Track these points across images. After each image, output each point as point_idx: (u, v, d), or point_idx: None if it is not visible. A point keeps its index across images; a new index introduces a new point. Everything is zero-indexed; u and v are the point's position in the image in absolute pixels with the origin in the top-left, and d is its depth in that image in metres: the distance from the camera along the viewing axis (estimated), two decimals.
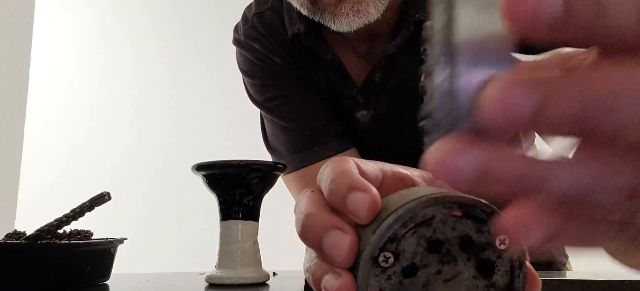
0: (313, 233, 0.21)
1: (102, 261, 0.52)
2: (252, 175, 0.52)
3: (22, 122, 1.29)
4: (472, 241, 0.20)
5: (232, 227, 0.52)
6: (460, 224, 0.19)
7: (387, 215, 0.20)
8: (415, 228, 0.19)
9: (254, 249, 0.53)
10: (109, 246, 0.52)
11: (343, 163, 0.23)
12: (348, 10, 0.60)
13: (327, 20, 0.63)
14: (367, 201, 0.20)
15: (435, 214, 0.19)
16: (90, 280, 0.50)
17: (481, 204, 0.19)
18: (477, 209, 0.19)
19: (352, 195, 0.21)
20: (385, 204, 0.21)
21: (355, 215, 0.21)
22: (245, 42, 0.76)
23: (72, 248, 0.48)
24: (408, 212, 0.19)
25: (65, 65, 2.21)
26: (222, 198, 0.53)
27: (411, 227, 0.19)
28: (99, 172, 2.15)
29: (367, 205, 0.20)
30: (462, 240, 0.20)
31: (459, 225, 0.19)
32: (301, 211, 0.23)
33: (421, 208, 0.19)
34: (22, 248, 0.46)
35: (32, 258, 0.46)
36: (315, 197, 0.23)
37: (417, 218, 0.19)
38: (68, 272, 0.48)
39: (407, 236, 0.19)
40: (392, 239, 0.19)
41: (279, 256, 2.10)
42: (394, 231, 0.19)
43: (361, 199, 0.20)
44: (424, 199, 0.19)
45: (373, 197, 0.20)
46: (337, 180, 0.22)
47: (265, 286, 0.51)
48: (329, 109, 0.74)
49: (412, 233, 0.19)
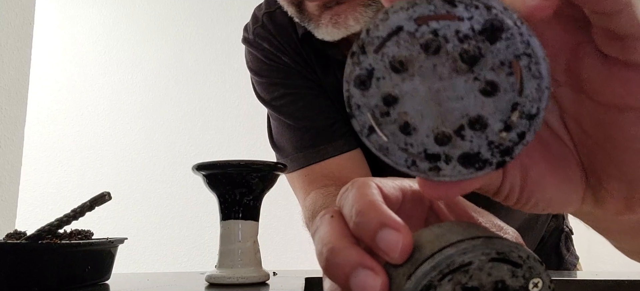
0: (340, 270, 0.20)
1: (102, 261, 0.52)
2: (253, 175, 0.52)
3: (23, 121, 1.29)
4: (506, 286, 0.19)
5: (232, 227, 0.52)
6: (496, 269, 0.19)
7: (423, 259, 0.19)
8: (451, 274, 0.19)
9: (254, 249, 0.53)
10: (109, 246, 0.52)
11: (367, 190, 0.22)
12: (327, 21, 0.62)
13: (312, 29, 0.65)
14: (401, 242, 0.19)
15: (472, 260, 0.19)
16: (90, 279, 0.50)
17: (518, 249, 0.19)
18: (515, 254, 0.19)
19: (383, 233, 0.20)
20: (417, 243, 0.20)
21: (387, 255, 0.20)
22: (255, 41, 0.77)
23: (73, 248, 0.48)
24: (446, 259, 0.18)
25: (66, 65, 2.21)
26: (223, 198, 0.53)
27: (447, 274, 0.19)
28: (99, 172, 2.15)
29: (400, 246, 0.19)
30: (496, 285, 0.19)
31: (494, 270, 0.19)
32: (324, 242, 0.21)
33: (459, 255, 0.19)
34: (22, 248, 0.46)
35: (32, 258, 0.46)
36: (338, 226, 0.22)
37: (455, 266, 0.18)
38: (68, 272, 0.48)
39: (442, 283, 0.19)
40: (428, 287, 0.19)
41: (279, 256, 2.11)
42: (430, 279, 0.18)
43: (394, 240, 0.19)
44: (462, 247, 0.19)
45: (406, 237, 0.20)
46: (365, 213, 0.21)
47: (265, 286, 0.51)
48: (336, 109, 0.74)
49: (448, 280, 0.19)
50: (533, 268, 0.19)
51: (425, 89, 0.19)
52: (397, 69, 0.18)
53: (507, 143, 0.19)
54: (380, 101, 0.19)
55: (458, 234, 0.20)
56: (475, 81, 0.18)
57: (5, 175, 1.22)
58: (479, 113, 0.19)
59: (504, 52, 0.18)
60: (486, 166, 0.19)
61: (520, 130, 0.19)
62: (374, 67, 0.18)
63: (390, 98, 0.19)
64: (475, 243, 0.19)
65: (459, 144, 0.19)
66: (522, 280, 0.19)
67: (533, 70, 0.18)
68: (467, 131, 0.19)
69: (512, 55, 0.18)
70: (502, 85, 0.18)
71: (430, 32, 0.18)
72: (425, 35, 0.18)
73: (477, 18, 0.17)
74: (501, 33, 0.17)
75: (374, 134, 0.19)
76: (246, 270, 0.51)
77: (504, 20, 0.17)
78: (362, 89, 0.19)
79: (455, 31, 0.18)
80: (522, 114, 0.18)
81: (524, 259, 0.19)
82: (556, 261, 0.87)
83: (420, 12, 0.18)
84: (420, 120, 0.19)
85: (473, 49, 0.18)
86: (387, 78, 0.19)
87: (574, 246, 0.90)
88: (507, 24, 0.17)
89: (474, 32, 0.18)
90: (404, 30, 0.18)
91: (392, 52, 0.18)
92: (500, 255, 0.19)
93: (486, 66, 0.18)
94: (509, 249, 0.19)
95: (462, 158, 0.19)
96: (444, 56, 0.18)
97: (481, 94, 0.18)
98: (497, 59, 0.18)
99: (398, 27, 0.18)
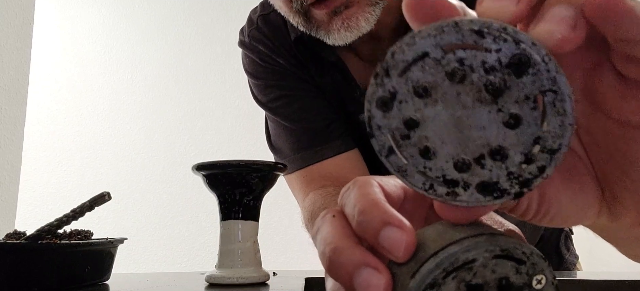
0: (343, 270, 0.20)
1: (102, 261, 0.52)
2: (252, 175, 0.52)
3: (23, 121, 1.29)
4: (510, 282, 0.19)
5: (232, 227, 0.52)
6: (500, 266, 0.19)
7: (426, 257, 0.19)
8: (455, 272, 0.19)
9: (254, 249, 0.53)
10: (109, 246, 0.52)
11: (369, 189, 0.22)
12: (339, 26, 0.61)
13: (322, 36, 0.65)
14: (405, 240, 0.19)
15: (476, 258, 0.19)
16: (90, 279, 0.50)
17: (522, 245, 0.19)
18: (519, 251, 0.19)
19: (387, 232, 0.20)
20: (420, 241, 0.20)
21: (391, 254, 0.20)
22: (250, 43, 0.77)
23: (72, 248, 0.48)
24: (450, 256, 0.19)
25: (66, 65, 2.21)
26: (222, 198, 0.53)
27: (451, 271, 0.19)
28: (99, 172, 2.15)
29: (404, 245, 0.19)
30: (500, 282, 0.19)
31: (498, 267, 0.19)
32: (327, 242, 0.21)
33: (463, 252, 0.19)
34: (22, 248, 0.46)
35: (32, 258, 0.46)
36: (340, 225, 0.22)
37: (458, 263, 0.19)
38: (68, 272, 0.48)
39: (447, 281, 0.19)
40: (432, 285, 0.19)
41: (279, 256, 2.11)
42: (434, 277, 0.19)
43: (398, 238, 0.19)
44: (466, 244, 0.19)
45: (410, 236, 0.20)
46: (368, 212, 0.21)
47: (265, 286, 0.51)
48: (333, 110, 0.74)
49: (452, 278, 0.19)
50: (536, 265, 0.19)
51: (448, 116, 0.19)
52: (421, 94, 0.19)
53: (526, 176, 0.19)
54: (401, 124, 0.19)
55: (461, 231, 0.20)
56: (498, 112, 0.18)
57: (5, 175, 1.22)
58: (500, 144, 0.19)
59: (529, 87, 0.18)
60: (504, 195, 0.19)
61: (541, 164, 0.19)
62: (397, 90, 0.19)
63: (412, 122, 0.19)
64: (478, 240, 0.19)
65: (478, 172, 0.19)
66: (525, 276, 0.19)
67: (557, 106, 0.18)
68: (488, 160, 0.19)
69: (537, 90, 0.18)
70: (525, 119, 0.18)
71: (456, 60, 0.18)
72: (451, 63, 0.18)
73: (505, 51, 0.18)
74: (528, 68, 0.18)
75: (393, 155, 0.19)
76: (246, 270, 0.51)
77: (532, 55, 0.17)
78: (384, 111, 0.19)
79: (482, 62, 0.18)
80: (544, 149, 0.19)
81: (528, 255, 0.19)
82: (556, 260, 0.87)
83: (447, 39, 0.18)
84: (440, 146, 0.19)
85: (499, 81, 0.18)
86: (409, 102, 0.19)
87: (573, 246, 0.90)
88: (534, 59, 0.17)
89: (500, 65, 0.18)
90: (430, 57, 0.18)
91: (417, 76, 0.18)
92: (504, 252, 0.19)
93: (511, 99, 0.18)
94: (513, 246, 0.19)
95: (480, 186, 0.19)
96: (468, 85, 0.18)
97: (504, 126, 0.19)
98: (523, 92, 0.18)
99: (424, 53, 0.18)
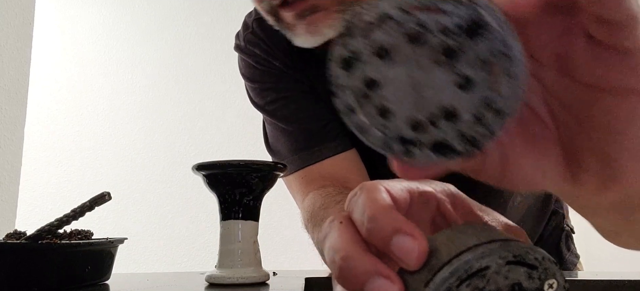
0: (355, 279, 0.20)
1: (102, 261, 0.52)
2: (252, 175, 0.52)
3: (23, 121, 1.29)
4: (523, 288, 0.20)
5: (232, 227, 0.52)
6: (513, 272, 0.19)
7: (440, 265, 0.19)
8: (469, 279, 0.19)
9: (254, 249, 0.53)
10: (109, 246, 0.52)
11: (377, 195, 0.22)
12: (303, 31, 0.62)
13: (290, 37, 0.65)
14: (417, 249, 0.19)
15: (490, 265, 0.19)
16: (90, 279, 0.50)
17: (534, 251, 0.19)
18: (531, 256, 0.19)
19: (398, 240, 0.19)
20: (432, 247, 0.20)
21: (403, 262, 0.20)
22: (246, 47, 0.77)
23: (73, 248, 0.48)
24: (464, 264, 0.19)
25: (66, 65, 2.21)
26: (222, 198, 0.53)
27: (465, 279, 0.19)
28: (99, 172, 2.15)
29: (416, 253, 0.19)
30: (513, 288, 0.19)
31: (511, 273, 0.19)
32: (336, 250, 0.21)
33: (477, 260, 0.19)
34: (22, 248, 0.46)
35: (32, 258, 0.46)
36: (349, 232, 0.22)
37: (472, 271, 0.19)
38: (68, 272, 0.48)
39: (460, 289, 0.19)
40: None
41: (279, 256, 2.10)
42: (449, 285, 0.19)
43: (410, 246, 0.19)
44: (479, 251, 0.19)
45: (422, 244, 0.20)
46: (378, 218, 0.20)
47: (265, 286, 0.51)
48: (329, 111, 0.74)
49: (466, 286, 0.19)
50: (548, 270, 0.20)
51: (406, 77, 0.19)
52: (381, 55, 0.19)
53: (477, 136, 0.20)
54: (362, 84, 0.20)
55: (473, 237, 0.20)
56: (453, 74, 0.19)
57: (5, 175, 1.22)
58: (453, 104, 0.19)
59: (483, 50, 0.18)
60: (455, 154, 0.20)
61: (491, 126, 0.19)
62: (359, 51, 0.19)
63: (372, 82, 0.19)
64: (492, 247, 0.19)
65: (432, 132, 0.20)
66: (537, 281, 0.20)
67: (510, 70, 0.18)
68: (441, 121, 0.20)
69: (490, 54, 0.18)
70: (477, 81, 0.19)
71: (416, 23, 0.18)
72: (410, 26, 0.18)
73: (461, 14, 0.18)
74: (483, 31, 0.18)
75: (353, 114, 0.20)
76: (246, 270, 0.51)
77: (486, 17, 0.18)
78: (346, 70, 0.19)
79: (439, 24, 0.18)
80: (494, 111, 0.19)
81: (540, 261, 0.20)
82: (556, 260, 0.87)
83: (409, 1, 0.18)
84: (398, 106, 0.20)
85: (454, 43, 0.18)
86: (370, 62, 0.19)
87: (574, 246, 0.90)
88: (488, 21, 0.18)
89: (457, 28, 0.18)
90: (392, 18, 0.18)
91: (378, 38, 0.19)
92: (517, 258, 0.19)
93: (465, 61, 0.19)
94: (526, 251, 0.19)
95: (433, 146, 0.20)
96: (426, 47, 0.19)
97: (457, 87, 0.19)
98: (476, 55, 0.18)
99: (386, 15, 0.18)
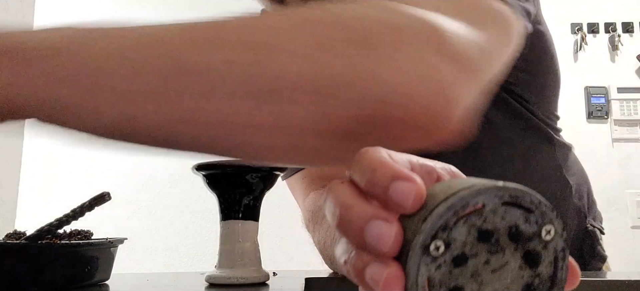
0: (354, 224, 0.20)
1: (102, 261, 0.52)
2: (252, 175, 0.52)
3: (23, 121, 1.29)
4: (520, 231, 0.20)
5: (232, 227, 0.52)
6: (509, 214, 0.20)
7: (437, 203, 0.19)
8: (466, 216, 0.19)
9: (254, 249, 0.53)
10: (109, 246, 0.52)
11: (377, 153, 0.22)
12: None
13: None
14: (414, 190, 0.20)
15: (486, 203, 0.19)
16: (90, 279, 0.50)
17: (530, 194, 0.20)
18: (527, 199, 0.20)
19: (396, 185, 0.20)
20: (430, 193, 0.20)
21: (400, 205, 0.20)
22: None
23: (72, 248, 0.48)
24: (461, 200, 0.19)
25: None
26: (223, 198, 0.53)
27: (462, 216, 0.19)
28: (99, 172, 2.15)
29: (413, 194, 0.20)
30: (510, 230, 0.20)
31: (507, 215, 0.20)
32: (336, 203, 0.22)
33: (473, 196, 0.19)
34: (22, 248, 0.46)
35: (32, 258, 0.46)
36: (350, 187, 0.22)
37: (469, 207, 0.19)
38: (68, 272, 0.48)
39: (458, 225, 0.19)
40: (444, 227, 0.19)
41: (279, 256, 2.11)
42: (446, 220, 0.19)
43: (407, 189, 0.20)
44: (475, 188, 0.19)
45: (419, 186, 0.20)
46: (377, 169, 0.21)
47: (265, 286, 0.51)
48: None
49: (463, 222, 0.19)
50: (545, 214, 0.20)
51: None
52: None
53: None
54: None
55: (470, 181, 0.20)
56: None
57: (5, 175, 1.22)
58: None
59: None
60: None
61: None
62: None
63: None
64: (488, 186, 0.19)
65: None
66: (535, 226, 0.20)
67: None
68: None
69: None
70: None
71: None
72: None
73: None
74: None
75: None
76: (246, 270, 0.51)
77: None
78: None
79: None
80: None
81: (536, 204, 0.20)
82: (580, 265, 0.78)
83: None
84: None
85: None
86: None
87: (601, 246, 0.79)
88: None
89: None
90: None
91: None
92: (513, 199, 0.19)
93: None
94: (522, 193, 0.20)
95: None
96: None
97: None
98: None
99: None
